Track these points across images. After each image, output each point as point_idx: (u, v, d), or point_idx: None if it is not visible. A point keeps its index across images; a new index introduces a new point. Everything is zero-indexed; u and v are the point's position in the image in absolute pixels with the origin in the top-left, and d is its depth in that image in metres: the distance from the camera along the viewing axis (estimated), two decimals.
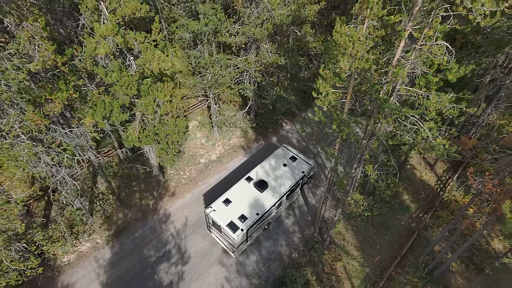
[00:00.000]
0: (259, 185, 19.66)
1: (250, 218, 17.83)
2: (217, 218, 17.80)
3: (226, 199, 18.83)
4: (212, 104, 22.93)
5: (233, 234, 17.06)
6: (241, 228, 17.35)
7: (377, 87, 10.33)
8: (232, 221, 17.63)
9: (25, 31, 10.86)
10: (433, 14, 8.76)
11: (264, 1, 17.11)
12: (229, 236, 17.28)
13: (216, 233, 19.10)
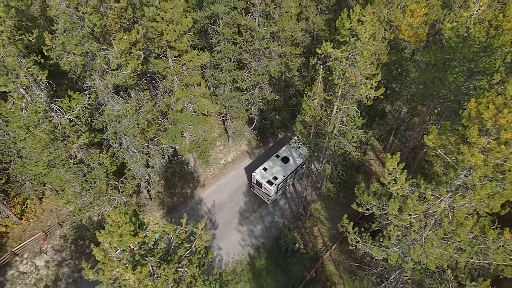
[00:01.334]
0: (284, 159, 30.69)
1: (279, 179, 28.84)
2: (259, 179, 28.89)
3: (264, 167, 29.97)
4: (228, 121, 33.16)
5: (270, 187, 28.18)
6: (275, 183, 28.37)
7: (325, 127, 20.60)
8: (269, 179, 28.62)
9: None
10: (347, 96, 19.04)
11: (264, 60, 27.29)
12: (268, 189, 28.45)
13: (257, 189, 30.23)
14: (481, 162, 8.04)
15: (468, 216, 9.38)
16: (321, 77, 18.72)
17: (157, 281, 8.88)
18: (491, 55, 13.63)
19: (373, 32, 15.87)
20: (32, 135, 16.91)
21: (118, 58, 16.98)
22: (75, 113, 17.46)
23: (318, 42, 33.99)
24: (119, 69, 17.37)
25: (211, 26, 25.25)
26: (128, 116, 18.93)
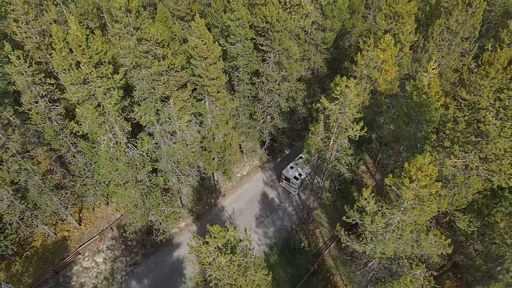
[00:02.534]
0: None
1: (303, 175, 36.58)
2: (288, 175, 36.69)
3: (291, 166, 37.93)
4: (244, 142, 40.01)
5: (296, 181, 36.13)
6: (300, 179, 36.03)
7: (325, 154, 27.48)
8: (296, 175, 36.14)
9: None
10: (340, 133, 25.95)
11: (276, 97, 34.13)
12: (294, 183, 36.44)
13: (285, 183, 38.34)
14: (411, 197, 14.78)
15: (409, 224, 16.15)
16: (322, 121, 25.61)
17: (232, 265, 15.61)
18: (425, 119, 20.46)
19: (357, 92, 22.63)
20: (115, 165, 23.75)
21: (177, 113, 23.86)
22: (145, 149, 24.31)
23: (318, 77, 41.01)
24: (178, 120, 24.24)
25: (234, 72, 32.09)
26: (180, 152, 25.78)
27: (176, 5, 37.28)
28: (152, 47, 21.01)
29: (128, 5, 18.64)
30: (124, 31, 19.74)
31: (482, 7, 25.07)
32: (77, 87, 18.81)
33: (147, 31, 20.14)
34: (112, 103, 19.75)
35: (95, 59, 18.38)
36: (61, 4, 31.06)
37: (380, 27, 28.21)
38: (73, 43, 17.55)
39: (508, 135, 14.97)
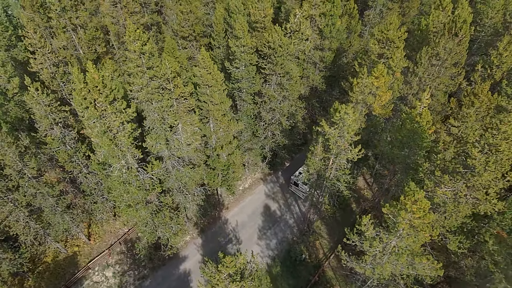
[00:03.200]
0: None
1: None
2: (297, 180, 38.49)
3: (299, 172, 39.49)
4: (246, 157, 41.46)
5: (305, 186, 37.51)
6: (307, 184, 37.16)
7: (324, 173, 28.96)
8: (304, 181, 37.43)
9: None
10: (339, 154, 27.44)
11: (277, 115, 35.58)
12: (303, 187, 38.05)
13: (294, 188, 40.24)
14: (407, 226, 16.28)
15: (405, 249, 17.63)
16: (321, 142, 27.10)
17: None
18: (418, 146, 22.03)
19: (355, 118, 24.13)
20: (126, 189, 25.13)
21: (186, 139, 25.28)
22: (155, 173, 25.70)
23: (316, 92, 42.51)
24: (186, 146, 25.67)
25: (237, 92, 33.52)
26: (187, 174, 27.19)
27: (179, 26, 38.61)
28: (163, 83, 22.40)
29: (142, 49, 20.02)
30: (138, 70, 21.11)
31: (468, 37, 26.64)
32: (94, 122, 20.17)
33: (159, 70, 21.53)
34: (126, 136, 21.13)
35: (110, 97, 19.75)
36: (70, 30, 32.33)
37: (374, 51, 29.73)
38: (91, 84, 18.92)
39: (493, 169, 16.49)
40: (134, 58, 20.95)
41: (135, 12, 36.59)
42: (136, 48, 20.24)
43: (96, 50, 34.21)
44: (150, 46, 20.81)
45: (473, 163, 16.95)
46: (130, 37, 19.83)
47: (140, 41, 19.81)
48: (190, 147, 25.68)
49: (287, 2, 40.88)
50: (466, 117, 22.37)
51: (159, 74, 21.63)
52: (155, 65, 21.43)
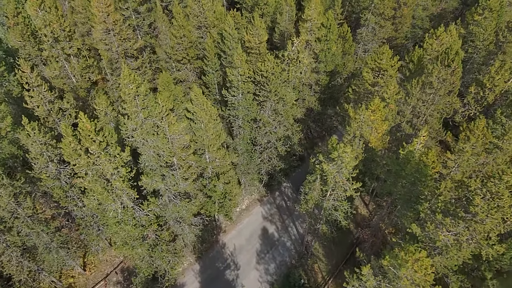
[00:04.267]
0: None
1: None
2: None
3: None
4: (243, 179, 41.27)
5: None
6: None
7: (322, 203, 28.85)
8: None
9: None
10: (336, 188, 27.34)
11: (273, 140, 35.45)
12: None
13: None
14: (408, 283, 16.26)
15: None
16: (319, 175, 27.00)
17: None
18: (421, 182, 22.11)
19: (354, 156, 24.10)
20: (122, 228, 24.78)
21: (183, 174, 25.02)
22: (151, 211, 25.39)
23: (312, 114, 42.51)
24: (183, 181, 25.41)
25: (234, 118, 33.33)
26: (184, 208, 26.93)
27: (173, 50, 38.32)
28: (158, 122, 22.15)
29: (136, 92, 19.78)
30: (132, 110, 20.86)
31: (460, 68, 26.83)
32: (86, 171, 19.86)
33: (153, 109, 21.29)
34: (121, 180, 20.82)
35: (104, 144, 19.46)
36: (62, 60, 31.90)
37: (367, 81, 29.77)
38: (83, 134, 18.62)
39: (495, 217, 16.54)
40: (129, 100, 20.70)
41: (128, 38, 36.25)
42: (130, 90, 20.01)
43: (89, 78, 33.80)
44: (144, 87, 20.59)
45: (476, 210, 16.97)
46: (124, 80, 19.57)
47: (135, 84, 19.56)
48: (187, 182, 25.43)
49: (281, 23, 40.82)
50: (462, 151, 22.49)
51: (154, 113, 21.38)
52: (149, 104, 21.18)
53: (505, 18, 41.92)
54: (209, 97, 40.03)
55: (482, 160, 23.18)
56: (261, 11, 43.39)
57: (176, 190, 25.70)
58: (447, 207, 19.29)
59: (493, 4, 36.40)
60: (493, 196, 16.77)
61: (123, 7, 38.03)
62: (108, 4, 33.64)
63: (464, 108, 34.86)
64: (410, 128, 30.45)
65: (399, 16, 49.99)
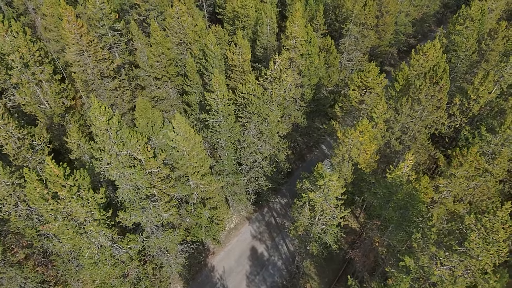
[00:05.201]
0: None
1: None
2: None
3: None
4: (230, 198, 40.08)
5: None
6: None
7: (310, 228, 27.94)
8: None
9: None
10: (325, 213, 26.46)
11: (259, 160, 34.39)
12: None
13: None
14: None
15: None
16: (307, 202, 26.07)
17: None
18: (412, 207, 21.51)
19: (340, 185, 23.33)
20: (100, 269, 23.29)
21: (163, 206, 23.71)
22: (132, 249, 23.96)
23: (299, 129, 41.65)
24: (165, 212, 24.08)
25: (218, 142, 32.12)
26: (168, 239, 25.60)
27: (152, 68, 36.85)
28: (134, 153, 20.80)
29: (108, 124, 18.39)
30: (105, 144, 19.46)
31: (448, 85, 26.37)
32: (56, 215, 18.38)
33: (128, 141, 19.93)
34: (95, 224, 19.40)
35: (74, 189, 18.02)
36: (34, 86, 30.07)
37: (354, 99, 29.04)
38: (51, 179, 17.15)
39: (491, 253, 15.90)
40: (101, 134, 19.28)
41: (104, 59, 34.59)
42: (102, 124, 18.60)
43: (63, 103, 32.03)
44: (117, 118, 19.20)
45: (471, 245, 16.29)
46: (94, 112, 18.14)
47: (106, 116, 18.17)
48: (169, 213, 24.12)
49: (263, 36, 39.80)
50: (454, 176, 21.98)
51: (129, 145, 20.02)
52: (124, 135, 19.80)
53: (487, 26, 42.01)
54: (191, 116, 38.78)
55: (474, 184, 22.71)
56: (241, 24, 42.30)
57: (158, 222, 24.35)
58: (440, 238, 18.60)
59: (474, 14, 36.22)
60: (488, 232, 16.12)
61: (98, 24, 36.28)
62: (81, 25, 31.96)
63: (450, 119, 34.51)
64: (399, 145, 29.85)
65: (381, 24, 49.72)
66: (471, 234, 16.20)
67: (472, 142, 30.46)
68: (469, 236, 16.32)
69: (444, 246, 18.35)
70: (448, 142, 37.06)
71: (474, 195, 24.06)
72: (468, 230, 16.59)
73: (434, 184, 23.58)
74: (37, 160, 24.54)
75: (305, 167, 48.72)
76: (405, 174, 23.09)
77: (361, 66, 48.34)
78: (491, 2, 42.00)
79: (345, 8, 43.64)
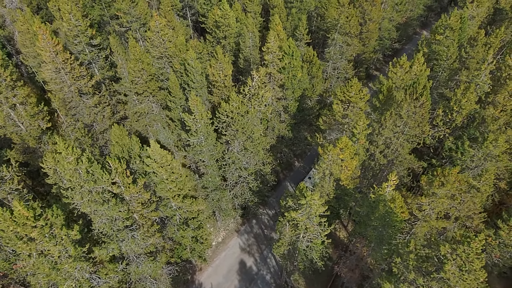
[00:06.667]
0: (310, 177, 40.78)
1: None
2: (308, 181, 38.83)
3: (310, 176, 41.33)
4: (217, 212, 39.60)
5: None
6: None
7: (296, 245, 27.67)
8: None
9: None
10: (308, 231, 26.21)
11: (245, 175, 33.98)
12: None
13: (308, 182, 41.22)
14: None
15: None
16: (290, 222, 25.79)
17: None
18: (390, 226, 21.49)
19: (322, 203, 23.11)
20: None
21: (143, 235, 23.14)
22: (112, 279, 23.35)
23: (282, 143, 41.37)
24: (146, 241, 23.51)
25: (201, 160, 31.62)
26: (149, 267, 25.03)
27: (132, 84, 36.08)
28: (107, 187, 20.19)
29: (77, 165, 17.76)
30: (76, 183, 18.81)
31: (429, 101, 26.35)
32: (29, 252, 17.70)
33: (100, 177, 19.32)
34: (70, 261, 18.77)
35: (46, 229, 17.36)
36: (8, 109, 29.09)
37: (337, 113, 28.83)
38: (20, 222, 16.47)
39: (468, 282, 15.82)
40: (69, 174, 18.64)
41: (82, 76, 33.72)
42: (69, 165, 17.97)
43: (39, 125, 31.09)
44: (86, 156, 18.57)
45: (447, 275, 16.19)
46: (61, 153, 17.50)
47: (74, 156, 17.55)
48: (150, 240, 23.56)
49: (246, 49, 39.32)
50: (436, 196, 21.92)
51: (101, 181, 19.41)
52: (96, 171, 19.18)
53: (469, 32, 42.22)
54: (175, 131, 38.13)
55: (459, 201, 22.67)
56: (223, 34, 41.72)
57: (138, 252, 23.78)
58: (419, 263, 18.49)
59: (453, 24, 36.29)
60: (464, 261, 16.03)
61: (74, 41, 35.32)
62: (56, 43, 31.04)
63: (434, 130, 34.60)
64: (383, 158, 29.76)
65: (365, 31, 49.64)
66: (447, 264, 16.08)
67: (455, 154, 30.58)
68: (445, 265, 16.20)
69: (423, 272, 18.24)
70: (433, 152, 37.17)
71: (460, 211, 24.05)
72: (444, 259, 16.46)
73: (417, 202, 23.52)
74: (6, 190, 23.62)
75: (293, 176, 48.51)
76: (389, 194, 22.98)
77: (346, 74, 48.28)
78: (472, 9, 42.19)
79: (330, 18, 43.39)
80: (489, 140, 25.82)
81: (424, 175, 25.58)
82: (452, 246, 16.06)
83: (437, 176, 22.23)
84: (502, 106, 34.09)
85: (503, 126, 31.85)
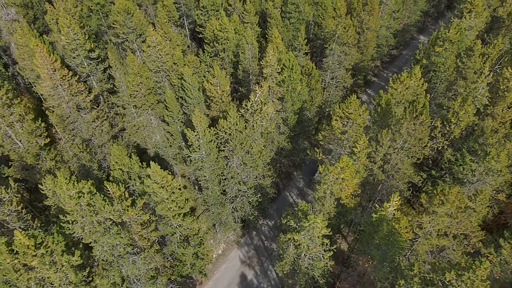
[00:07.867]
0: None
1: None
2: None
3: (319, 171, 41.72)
4: (217, 225, 39.47)
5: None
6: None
7: (297, 263, 27.61)
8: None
9: None
10: (311, 251, 26.15)
11: (244, 189, 33.89)
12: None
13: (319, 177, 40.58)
14: None
15: None
16: (292, 243, 25.75)
17: None
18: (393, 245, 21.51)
19: (324, 225, 23.08)
20: None
21: (145, 259, 23.00)
22: None
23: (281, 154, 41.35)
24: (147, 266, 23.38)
25: (202, 175, 31.50)
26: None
27: (131, 97, 35.93)
28: (109, 216, 20.06)
29: (78, 194, 17.64)
30: (78, 215, 18.68)
31: (429, 119, 26.42)
32: (28, 285, 17.54)
33: (101, 207, 19.19)
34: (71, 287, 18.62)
35: (47, 257, 17.21)
36: (5, 127, 28.88)
37: (336, 129, 28.83)
38: (21, 251, 16.32)
39: None
40: (71, 207, 18.50)
41: (80, 92, 33.54)
42: (71, 200, 17.84)
43: (37, 142, 30.87)
44: (88, 187, 18.45)
45: None
46: (62, 188, 17.37)
47: (76, 190, 17.42)
48: (149, 266, 23.44)
49: (245, 61, 39.24)
50: (436, 214, 21.97)
51: (103, 211, 19.28)
52: (97, 201, 19.06)
53: (466, 43, 42.37)
54: (173, 144, 38.02)
55: (458, 219, 22.72)
56: (222, 46, 41.62)
57: (138, 275, 23.65)
58: (423, 287, 18.49)
59: (452, 36, 36.42)
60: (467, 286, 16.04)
61: (72, 55, 35.12)
62: (54, 60, 30.87)
63: (433, 142, 34.67)
64: (382, 174, 29.77)
65: (363, 40, 49.75)
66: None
67: (456, 167, 30.61)
68: None
69: None
70: (432, 163, 37.25)
71: (458, 229, 24.10)
72: (449, 285, 16.46)
73: (417, 220, 23.55)
74: (5, 212, 23.36)
75: (292, 185, 48.51)
76: (391, 214, 23.00)
77: (345, 83, 48.32)
78: (470, 20, 42.35)
79: (328, 28, 43.42)
80: (491, 155, 25.87)
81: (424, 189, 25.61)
82: (457, 273, 16.08)
83: (437, 195, 22.27)
84: (501, 117, 34.26)
85: (502, 139, 31.96)
